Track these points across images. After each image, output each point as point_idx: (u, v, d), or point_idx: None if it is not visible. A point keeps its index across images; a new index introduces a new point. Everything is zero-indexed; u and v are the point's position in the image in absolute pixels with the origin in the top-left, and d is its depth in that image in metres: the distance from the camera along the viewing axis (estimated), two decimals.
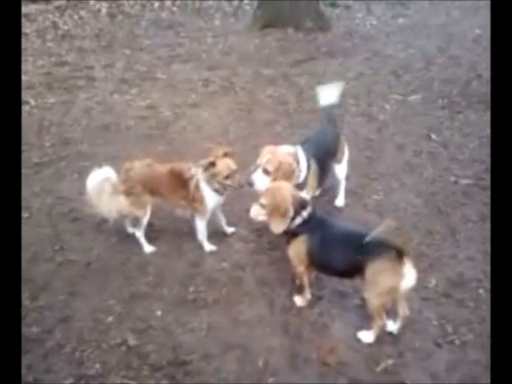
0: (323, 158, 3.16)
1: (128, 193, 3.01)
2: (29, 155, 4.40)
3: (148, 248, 3.19)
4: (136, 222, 3.19)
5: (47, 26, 8.65)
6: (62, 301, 2.79)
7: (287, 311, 2.68)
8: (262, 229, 3.13)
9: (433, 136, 4.69)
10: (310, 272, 2.64)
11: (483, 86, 5.66)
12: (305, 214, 2.46)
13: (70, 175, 4.10)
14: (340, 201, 3.62)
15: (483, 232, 3.25)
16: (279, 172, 2.81)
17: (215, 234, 3.26)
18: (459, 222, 3.40)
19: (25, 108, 5.39)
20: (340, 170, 3.49)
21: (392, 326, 2.48)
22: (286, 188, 2.52)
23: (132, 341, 2.50)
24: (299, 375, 2.31)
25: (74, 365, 2.39)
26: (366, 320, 2.47)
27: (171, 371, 2.34)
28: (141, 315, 2.68)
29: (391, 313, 2.46)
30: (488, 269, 2.86)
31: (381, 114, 5.19)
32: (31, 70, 6.56)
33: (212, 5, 10.05)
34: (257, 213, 2.55)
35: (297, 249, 2.51)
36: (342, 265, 2.42)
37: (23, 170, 4.10)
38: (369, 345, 2.43)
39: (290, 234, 2.51)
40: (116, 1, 9.93)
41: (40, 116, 5.24)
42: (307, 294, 2.68)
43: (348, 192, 3.66)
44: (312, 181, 3.06)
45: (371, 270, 2.27)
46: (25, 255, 3.08)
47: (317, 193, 3.38)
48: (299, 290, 2.70)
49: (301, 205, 2.48)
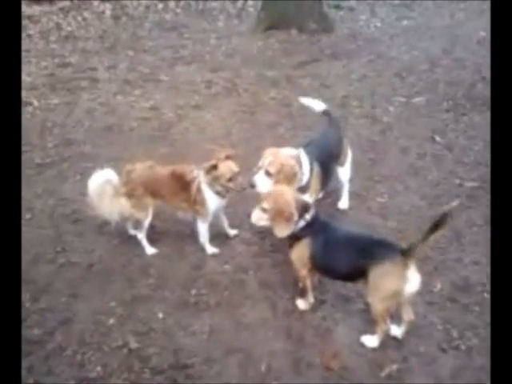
0: (326, 161, 3.14)
1: (129, 195, 3.00)
2: (31, 156, 4.40)
3: (150, 250, 3.17)
4: (138, 224, 3.17)
5: (51, 28, 8.68)
6: (64, 303, 2.78)
7: (290, 315, 2.65)
8: (265, 231, 3.11)
9: (437, 138, 4.65)
10: (313, 275, 2.62)
11: (488, 89, 5.61)
12: (308, 217, 2.44)
13: (73, 176, 4.10)
14: (343, 203, 3.59)
15: (488, 236, 3.20)
16: (281, 174, 2.78)
17: (217, 237, 3.24)
18: (464, 226, 3.37)
19: (28, 109, 5.40)
20: (343, 173, 3.47)
21: (396, 331, 2.45)
22: (288, 192, 2.49)
23: (133, 343, 2.49)
24: (302, 380, 2.29)
25: (75, 367, 2.38)
26: (370, 324, 2.44)
27: (172, 375, 2.33)
28: (142, 318, 2.66)
29: (395, 317, 2.43)
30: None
31: (385, 116, 5.16)
32: (34, 71, 6.58)
33: (216, 6, 10.06)
34: (258, 217, 2.53)
35: (300, 252, 2.49)
36: (345, 268, 2.40)
37: (26, 171, 4.10)
38: (373, 349, 2.41)
39: (293, 238, 2.49)
40: (120, 2, 9.95)
41: (43, 117, 5.25)
42: (310, 298, 2.66)
43: (352, 194, 3.64)
44: (315, 184, 3.04)
45: (375, 274, 2.24)
46: (26, 256, 3.08)
47: (320, 195, 3.36)
48: (302, 294, 2.68)
49: (304, 208, 2.45)
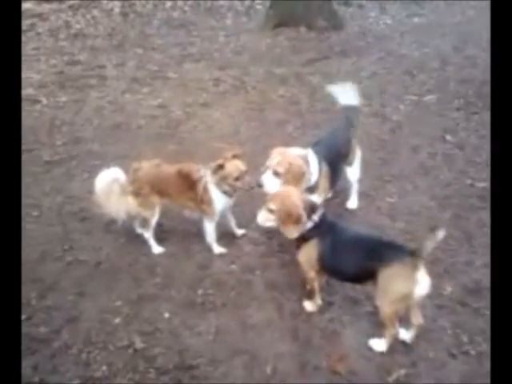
0: (335, 161, 3.10)
1: (136, 193, 2.99)
2: (39, 153, 4.42)
3: (157, 249, 3.16)
4: (145, 223, 3.16)
5: (60, 25, 8.70)
6: (70, 301, 2.78)
7: (297, 316, 2.62)
8: (273, 231, 3.08)
9: (448, 137, 4.58)
10: (321, 277, 2.58)
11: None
12: (315, 218, 2.41)
13: (81, 174, 4.10)
14: (352, 203, 3.55)
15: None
16: (289, 174, 2.75)
17: (225, 236, 3.22)
18: (475, 227, 3.30)
19: (36, 107, 5.43)
20: (352, 173, 3.42)
21: (405, 335, 2.41)
22: (294, 193, 2.46)
23: (139, 343, 2.48)
24: (308, 383, 2.26)
25: (81, 366, 2.38)
26: (378, 328, 2.40)
27: (177, 375, 2.32)
28: (148, 317, 2.65)
29: (404, 321, 2.39)
30: None
31: (395, 115, 5.09)
32: (44, 69, 6.61)
33: (224, 4, 10.01)
34: (265, 218, 2.51)
35: (307, 253, 2.45)
36: (354, 270, 2.36)
37: (34, 169, 4.13)
38: (381, 353, 2.37)
39: (301, 239, 2.46)
40: (128, 0, 9.96)
41: (52, 115, 5.27)
42: (317, 300, 2.63)
43: (361, 194, 3.59)
44: (323, 183, 3.00)
45: (384, 276, 2.21)
46: (33, 254, 3.09)
47: (329, 195, 3.32)
48: (309, 295, 2.65)
49: (311, 209, 2.42)
